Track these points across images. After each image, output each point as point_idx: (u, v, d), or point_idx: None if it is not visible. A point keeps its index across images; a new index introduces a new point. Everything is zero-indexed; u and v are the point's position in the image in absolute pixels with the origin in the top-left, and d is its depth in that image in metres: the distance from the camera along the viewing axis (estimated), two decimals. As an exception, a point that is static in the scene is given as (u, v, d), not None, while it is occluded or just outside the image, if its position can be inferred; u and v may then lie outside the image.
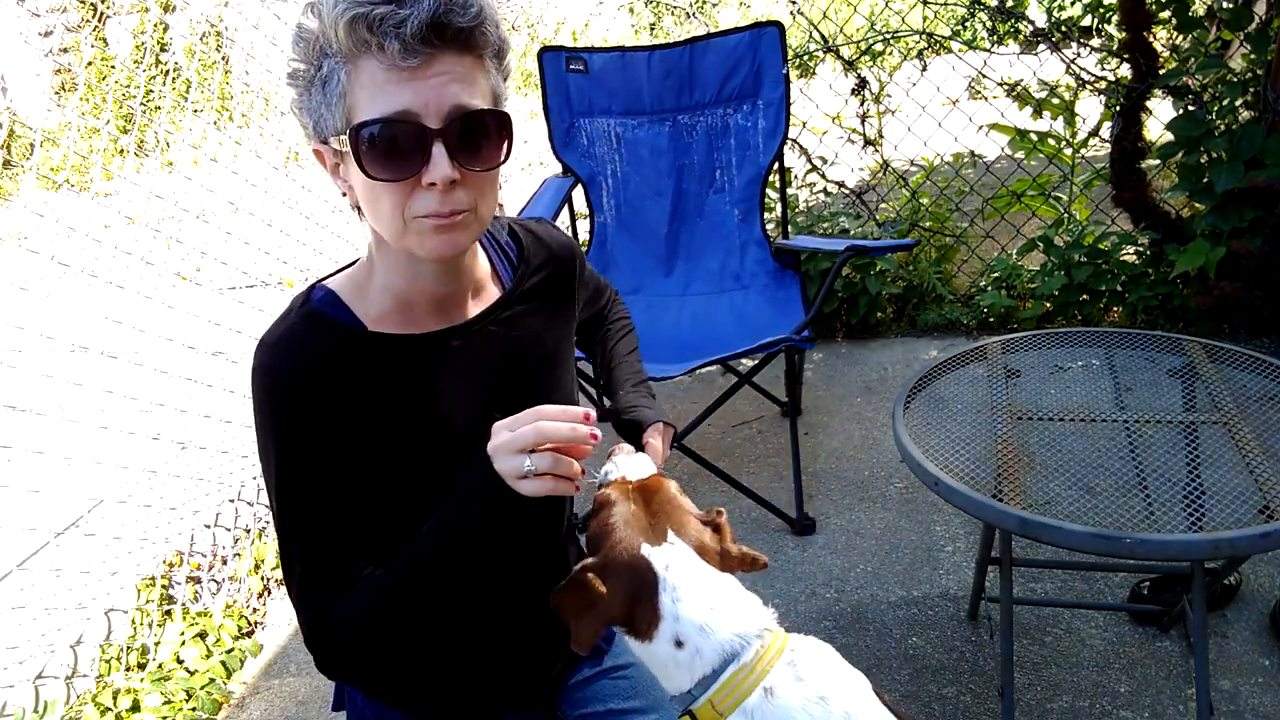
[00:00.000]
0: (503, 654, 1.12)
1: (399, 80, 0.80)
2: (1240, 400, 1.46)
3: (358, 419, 0.92)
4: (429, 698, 1.11)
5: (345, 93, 0.82)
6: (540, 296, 1.07)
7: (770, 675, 0.87)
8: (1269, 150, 2.66)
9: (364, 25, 0.78)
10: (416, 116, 0.81)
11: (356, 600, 0.90)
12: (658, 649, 0.90)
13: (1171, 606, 1.81)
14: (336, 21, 0.79)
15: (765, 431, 2.84)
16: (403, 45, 0.79)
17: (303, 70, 0.85)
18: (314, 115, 0.86)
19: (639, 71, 2.73)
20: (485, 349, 1.00)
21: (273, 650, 2.19)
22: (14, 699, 1.92)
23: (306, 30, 0.83)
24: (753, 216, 2.72)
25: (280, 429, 0.90)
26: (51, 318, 2.43)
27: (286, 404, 0.90)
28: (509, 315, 1.03)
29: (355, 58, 0.81)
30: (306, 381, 0.90)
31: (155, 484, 2.65)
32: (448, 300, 0.98)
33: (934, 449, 1.43)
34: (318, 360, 0.90)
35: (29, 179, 5.68)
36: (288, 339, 0.92)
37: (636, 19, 8.19)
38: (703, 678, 0.89)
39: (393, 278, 0.94)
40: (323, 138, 0.86)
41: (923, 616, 1.98)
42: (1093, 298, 3.19)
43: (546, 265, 1.09)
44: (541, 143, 2.86)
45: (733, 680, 0.87)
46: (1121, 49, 3.07)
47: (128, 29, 8.11)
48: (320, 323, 0.93)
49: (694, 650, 0.88)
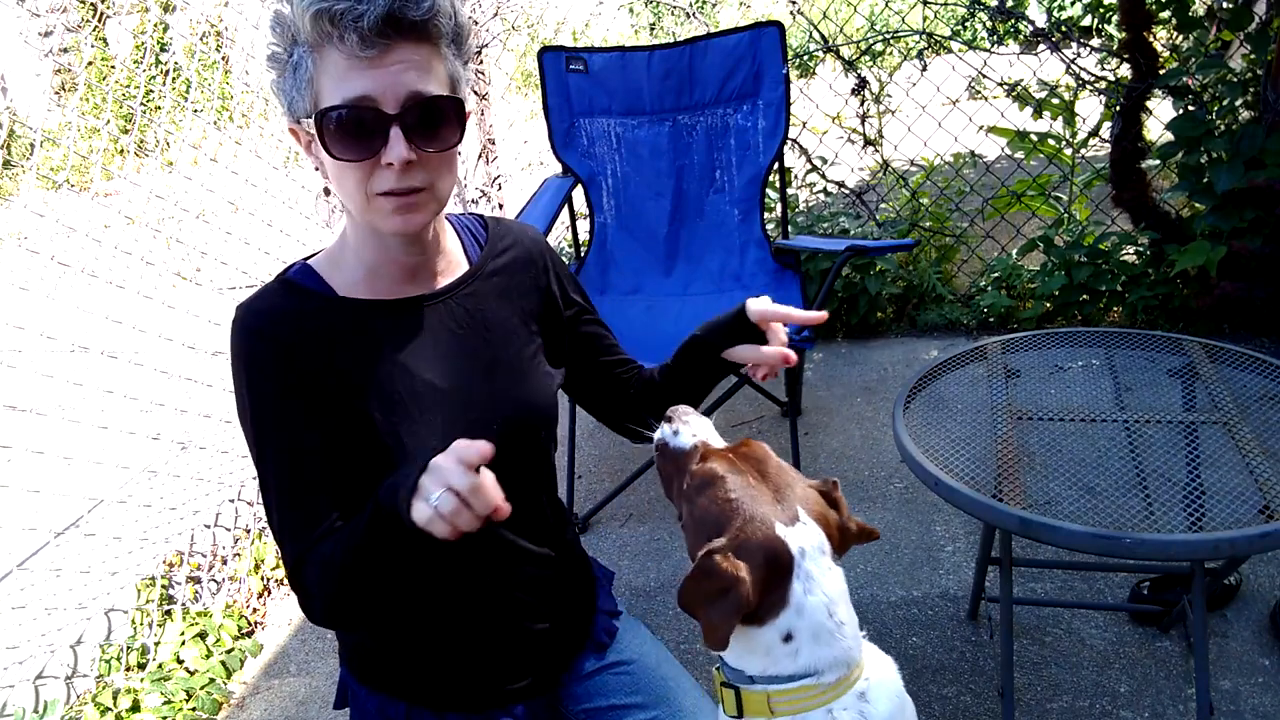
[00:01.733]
0: (509, 646, 1.13)
1: (359, 69, 0.88)
2: (1240, 400, 1.46)
3: (325, 375, 0.99)
4: (433, 685, 1.12)
5: (312, 79, 0.91)
6: (504, 275, 1.13)
7: (840, 700, 0.83)
8: (1269, 150, 2.66)
9: (326, 19, 0.86)
10: (375, 102, 0.89)
11: (320, 559, 0.95)
12: (762, 635, 0.83)
13: (1171, 606, 1.81)
14: (303, 14, 0.87)
15: (765, 431, 2.84)
16: (360, 37, 0.86)
17: (279, 54, 0.93)
18: (288, 97, 0.94)
19: (639, 71, 2.73)
20: (449, 317, 1.06)
21: (273, 650, 2.19)
22: (14, 699, 1.92)
23: (281, 16, 0.91)
24: (753, 216, 2.71)
25: (251, 381, 0.98)
26: (51, 318, 2.43)
27: (257, 358, 0.97)
28: (473, 290, 1.09)
29: (320, 47, 0.89)
30: (275, 337, 0.97)
31: (155, 484, 2.65)
32: (417, 270, 1.05)
33: (934, 449, 1.43)
34: (286, 317, 0.98)
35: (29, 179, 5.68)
36: (260, 299, 1.00)
37: (636, 19, 8.19)
38: (776, 675, 0.84)
39: (364, 250, 1.02)
40: (296, 118, 0.95)
41: (923, 616, 1.98)
42: (1093, 298, 3.19)
43: (511, 249, 1.15)
44: (541, 143, 2.85)
45: (804, 691, 0.83)
46: (1121, 49, 3.07)
47: (128, 29, 8.12)
48: (292, 288, 1.01)
49: (794, 651, 0.83)
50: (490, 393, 1.07)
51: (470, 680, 1.12)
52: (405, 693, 1.12)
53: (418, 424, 1.01)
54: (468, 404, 1.05)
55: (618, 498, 2.49)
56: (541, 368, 1.15)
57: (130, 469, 2.46)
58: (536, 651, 1.15)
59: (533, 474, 1.15)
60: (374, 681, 1.13)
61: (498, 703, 1.13)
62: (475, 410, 1.05)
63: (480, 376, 1.07)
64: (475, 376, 1.06)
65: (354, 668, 1.16)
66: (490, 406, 1.06)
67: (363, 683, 1.14)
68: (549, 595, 1.15)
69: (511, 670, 1.13)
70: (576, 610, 1.21)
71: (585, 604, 1.23)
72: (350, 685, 1.17)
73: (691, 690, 1.20)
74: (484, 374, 1.07)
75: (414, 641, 1.10)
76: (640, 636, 1.26)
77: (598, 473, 2.74)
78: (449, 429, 1.01)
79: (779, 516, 0.84)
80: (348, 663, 1.17)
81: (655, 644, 1.27)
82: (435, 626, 1.10)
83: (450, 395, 1.04)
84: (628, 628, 1.26)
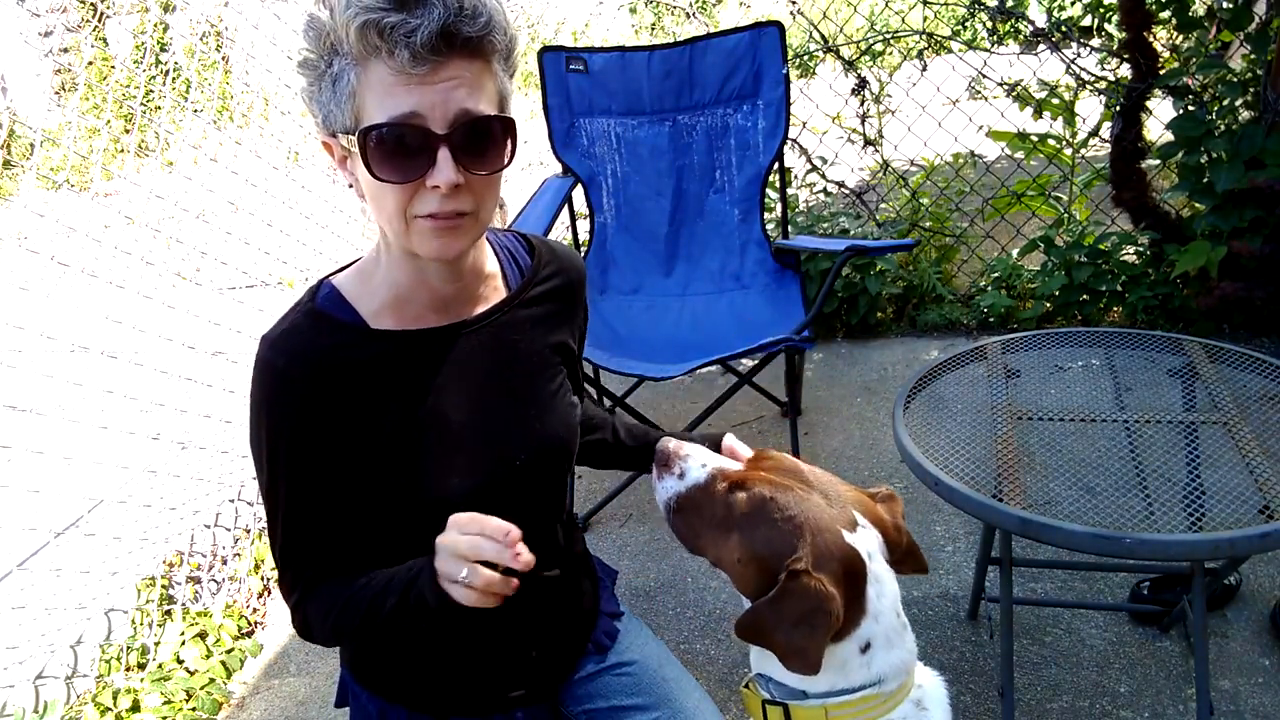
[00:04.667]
0: (512, 653, 1.12)
1: (407, 85, 0.82)
2: (1240, 400, 1.46)
3: (352, 412, 0.95)
4: (435, 691, 1.11)
5: (355, 93, 0.84)
6: (545, 303, 1.08)
7: (900, 709, 0.81)
8: (1269, 150, 2.66)
9: (374, 31, 0.80)
10: (423, 120, 0.83)
11: (328, 604, 0.96)
12: (839, 649, 0.78)
13: (1171, 606, 1.81)
14: (348, 24, 0.81)
15: (765, 431, 2.84)
16: (412, 54, 0.80)
17: (313, 60, 0.87)
18: (324, 109, 0.88)
19: (639, 71, 2.73)
20: (482, 348, 1.02)
21: (273, 650, 2.19)
22: (14, 699, 1.92)
23: (318, 22, 0.84)
24: (753, 216, 2.71)
25: (271, 421, 0.95)
26: (51, 318, 2.43)
27: (280, 399, 0.94)
28: (510, 319, 1.04)
29: (365, 60, 0.83)
30: (302, 377, 0.93)
31: (155, 484, 2.65)
32: (451, 298, 1.00)
33: (934, 449, 1.43)
34: (315, 355, 0.94)
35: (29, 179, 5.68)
36: (288, 335, 0.95)
37: (637, 19, 8.19)
38: (846, 688, 0.80)
39: (397, 273, 0.97)
40: (331, 131, 0.89)
41: (923, 616, 1.98)
42: (1093, 298, 3.18)
43: (556, 276, 1.10)
44: (541, 143, 2.85)
45: (865, 702, 0.80)
46: (1121, 49, 3.07)
47: (128, 29, 8.11)
48: (321, 320, 0.96)
49: (869, 660, 0.79)
50: (515, 427, 1.04)
51: (472, 686, 1.12)
52: (407, 698, 1.12)
53: (439, 461, 0.99)
54: (492, 440, 1.02)
55: (618, 498, 2.49)
56: (566, 398, 1.11)
57: (130, 469, 2.46)
58: (539, 656, 1.14)
59: (550, 503, 1.14)
60: (375, 686, 1.13)
61: (500, 707, 1.12)
62: (498, 446, 1.03)
63: (506, 410, 1.03)
64: (501, 410, 1.03)
65: (355, 671, 1.15)
66: (514, 442, 1.04)
67: (364, 686, 1.14)
68: (554, 607, 1.15)
69: (513, 675, 1.13)
70: (580, 615, 1.21)
71: (588, 608, 1.23)
72: (351, 687, 1.17)
73: (693, 691, 1.20)
74: (510, 407, 1.04)
75: (417, 651, 1.10)
76: (642, 637, 1.26)
77: (598, 473, 2.74)
78: (472, 466, 1.00)
79: (841, 523, 0.80)
80: (349, 665, 1.17)
81: (657, 645, 1.26)
82: (439, 638, 1.10)
83: (474, 431, 1.01)
84: (629, 629, 1.26)
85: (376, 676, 1.13)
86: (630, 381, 2.80)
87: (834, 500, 0.83)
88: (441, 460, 0.99)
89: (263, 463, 0.97)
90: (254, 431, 0.97)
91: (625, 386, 2.82)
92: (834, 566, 0.76)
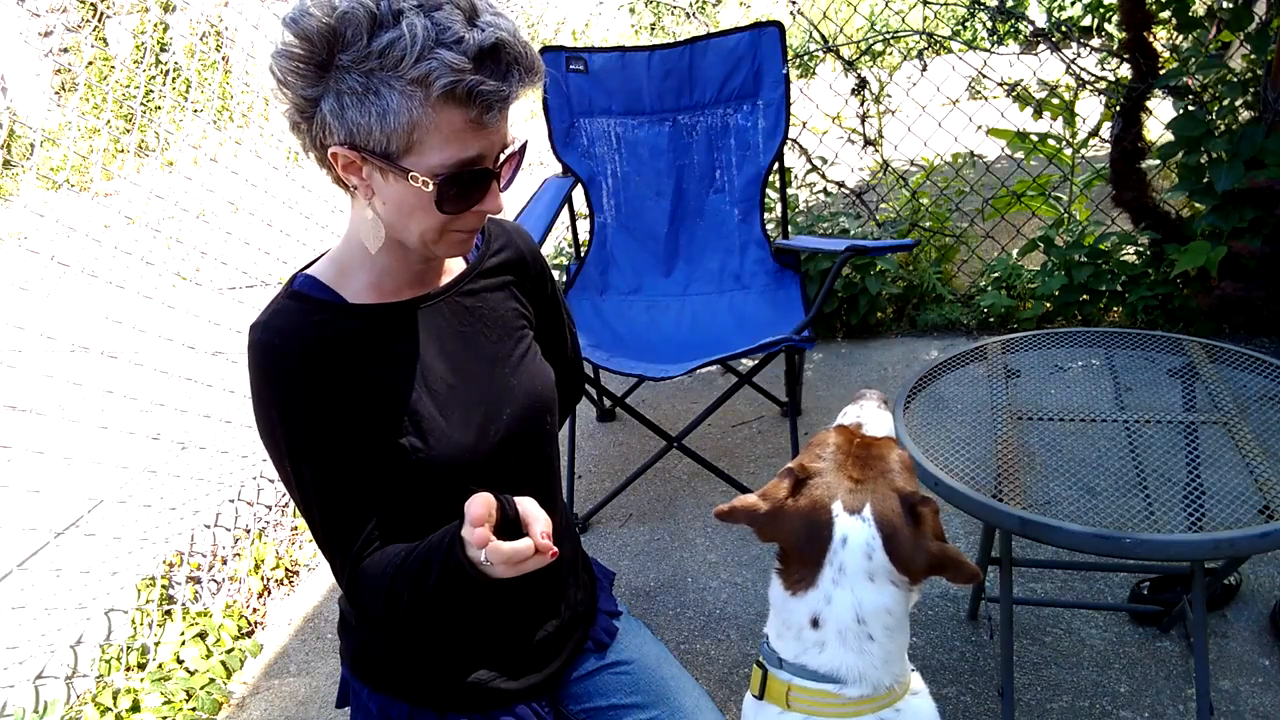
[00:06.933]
0: (511, 648, 1.13)
1: (476, 132, 0.90)
2: (1240, 400, 1.46)
3: (347, 382, 0.99)
4: (436, 687, 1.12)
5: (413, 126, 0.87)
6: (501, 274, 1.15)
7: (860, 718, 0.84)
8: (1269, 150, 2.66)
9: (464, 90, 0.85)
10: (484, 160, 0.93)
11: (375, 584, 0.99)
12: (794, 609, 0.86)
13: (1171, 606, 1.81)
14: (429, 77, 0.84)
15: (765, 431, 2.84)
16: (492, 112, 0.89)
17: (345, 64, 0.86)
18: (349, 125, 0.89)
19: (639, 71, 2.73)
20: (452, 315, 1.08)
21: (273, 650, 2.19)
22: (14, 699, 1.92)
23: (346, 38, 0.86)
24: (753, 216, 2.71)
25: (279, 399, 0.97)
26: (51, 318, 2.43)
27: (281, 375, 0.97)
28: (472, 287, 1.11)
29: (439, 106, 0.87)
30: (297, 353, 0.97)
31: (155, 484, 2.65)
32: (424, 273, 1.07)
33: (934, 449, 1.43)
34: (303, 330, 0.98)
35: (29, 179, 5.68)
36: (275, 317, 0.99)
37: (637, 19, 8.19)
38: (801, 667, 0.85)
39: (383, 259, 1.02)
40: (352, 143, 0.90)
41: (923, 616, 1.98)
42: (1093, 298, 3.18)
43: (506, 249, 1.17)
44: (541, 143, 2.85)
45: (823, 696, 0.84)
46: (1121, 49, 3.07)
47: (128, 29, 8.11)
48: (304, 300, 1.00)
49: (820, 642, 0.84)
50: (496, 385, 1.09)
51: (473, 682, 1.12)
52: (408, 694, 1.13)
53: (437, 420, 1.03)
54: (477, 398, 1.07)
55: (618, 498, 2.49)
56: (537, 359, 1.17)
57: (130, 469, 2.46)
58: (538, 653, 1.15)
59: (538, 468, 1.16)
60: (376, 682, 1.14)
61: (500, 703, 1.13)
62: (485, 403, 1.07)
63: (485, 370, 1.09)
64: (481, 371, 1.09)
65: (357, 669, 1.16)
66: (497, 398, 1.09)
67: (365, 683, 1.15)
68: (551, 598, 1.16)
69: (513, 671, 1.14)
70: (578, 611, 1.21)
71: (586, 605, 1.23)
72: (352, 685, 1.18)
73: (692, 690, 1.20)
74: (488, 368, 1.09)
75: (418, 645, 1.11)
76: (640, 637, 1.27)
77: (598, 473, 2.74)
78: (465, 422, 1.05)
79: (844, 498, 0.87)
80: (350, 663, 1.17)
81: (655, 644, 1.27)
82: (440, 630, 1.11)
83: (461, 390, 1.06)
84: (628, 628, 1.26)
85: (378, 672, 1.13)
86: (630, 381, 2.80)
87: (862, 484, 0.89)
88: (439, 421, 1.03)
89: (281, 448, 0.98)
90: (262, 419, 0.99)
91: (625, 386, 2.82)
92: (804, 506, 0.86)
